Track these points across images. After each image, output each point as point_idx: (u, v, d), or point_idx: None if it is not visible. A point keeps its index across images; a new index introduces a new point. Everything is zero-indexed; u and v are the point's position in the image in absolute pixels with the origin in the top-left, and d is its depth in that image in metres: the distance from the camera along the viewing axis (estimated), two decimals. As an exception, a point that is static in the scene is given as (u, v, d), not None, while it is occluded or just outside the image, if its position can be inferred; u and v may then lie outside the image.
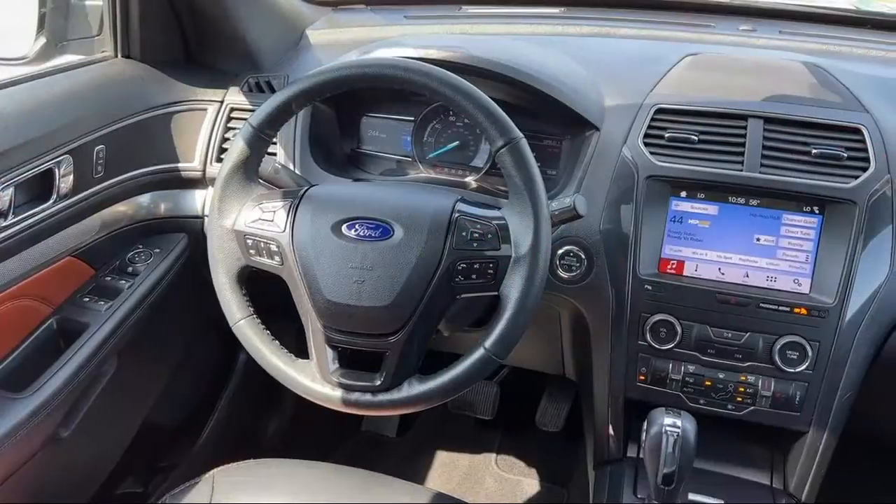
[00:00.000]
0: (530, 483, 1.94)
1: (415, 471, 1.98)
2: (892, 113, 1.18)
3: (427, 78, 0.96)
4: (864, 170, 1.11)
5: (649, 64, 1.32)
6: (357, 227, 0.98)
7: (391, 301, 0.95)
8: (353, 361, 1.02)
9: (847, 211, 1.10)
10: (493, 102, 0.96)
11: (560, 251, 1.19)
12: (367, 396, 0.99)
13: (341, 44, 1.52)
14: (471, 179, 1.35)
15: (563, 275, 1.20)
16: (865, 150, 1.12)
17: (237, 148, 1.03)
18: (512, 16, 1.65)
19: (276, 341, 1.04)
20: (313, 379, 1.01)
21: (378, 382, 0.98)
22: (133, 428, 1.49)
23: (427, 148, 1.38)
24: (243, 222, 1.03)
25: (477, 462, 2.00)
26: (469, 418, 2.09)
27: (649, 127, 1.19)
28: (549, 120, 1.29)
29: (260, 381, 1.51)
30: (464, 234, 0.96)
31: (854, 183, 1.10)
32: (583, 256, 1.19)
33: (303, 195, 1.03)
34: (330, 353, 1.01)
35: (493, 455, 2.03)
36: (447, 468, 1.99)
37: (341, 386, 0.99)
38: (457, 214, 0.98)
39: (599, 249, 1.18)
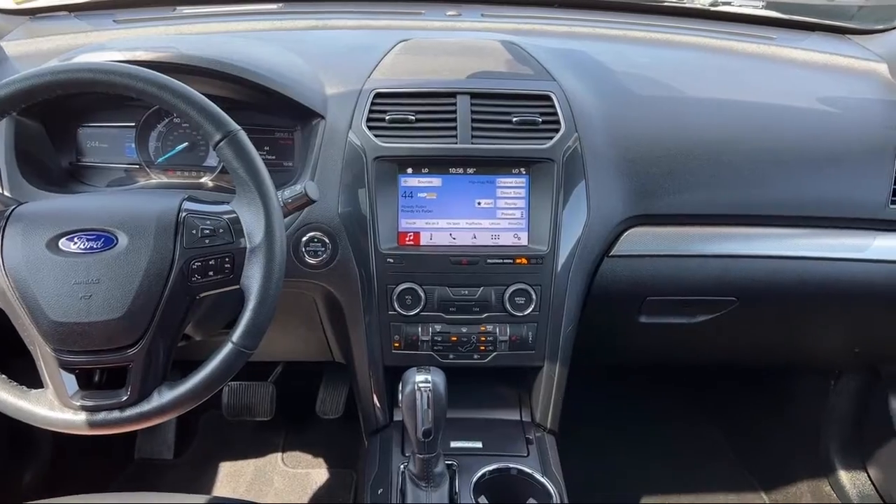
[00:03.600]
0: (319, 472, 1.97)
1: (198, 488, 1.91)
2: (576, 80, 1.35)
3: (130, 79, 0.92)
4: (557, 131, 1.25)
5: (365, 52, 1.38)
6: (76, 240, 0.93)
7: (125, 311, 0.92)
8: (95, 381, 0.97)
9: (547, 169, 1.24)
10: (204, 98, 0.95)
11: (304, 238, 1.23)
12: (115, 414, 0.95)
13: (42, 53, 1.41)
14: (207, 179, 1.33)
15: (311, 260, 1.24)
16: (556, 113, 1.27)
17: None
18: (229, 14, 1.63)
19: (2, 375, 0.96)
20: (52, 407, 0.95)
21: (125, 398, 0.94)
22: None
23: (155, 153, 1.34)
24: None
25: (263, 465, 1.98)
26: (249, 423, 2.06)
27: (370, 111, 1.25)
28: (277, 113, 1.31)
29: (2, 425, 1.37)
30: (194, 231, 0.95)
31: (549, 143, 1.24)
32: (327, 240, 1.23)
33: (9, 215, 0.96)
34: (66, 376, 0.95)
35: (279, 454, 2.02)
36: (233, 478, 1.95)
37: (85, 409, 0.94)
38: (184, 213, 0.96)
39: (341, 232, 1.23)
